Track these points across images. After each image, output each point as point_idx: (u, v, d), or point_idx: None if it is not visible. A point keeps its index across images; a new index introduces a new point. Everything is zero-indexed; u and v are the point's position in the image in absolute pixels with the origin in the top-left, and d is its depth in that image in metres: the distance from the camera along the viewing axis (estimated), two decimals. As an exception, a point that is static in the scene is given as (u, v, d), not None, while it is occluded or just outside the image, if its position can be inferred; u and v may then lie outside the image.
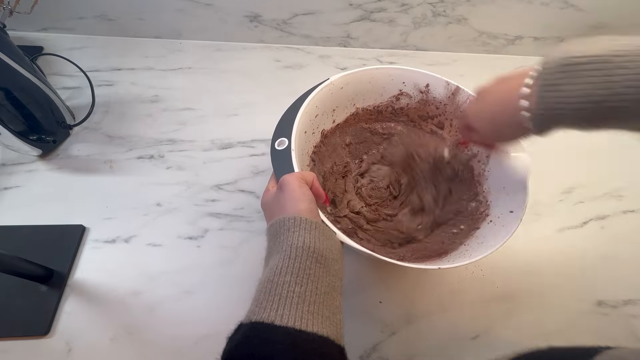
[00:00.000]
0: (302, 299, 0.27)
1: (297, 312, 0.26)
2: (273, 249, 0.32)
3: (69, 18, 0.68)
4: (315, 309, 0.27)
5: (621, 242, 0.55)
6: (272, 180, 0.42)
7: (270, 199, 0.38)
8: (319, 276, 0.29)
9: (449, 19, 0.72)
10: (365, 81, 0.52)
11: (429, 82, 0.52)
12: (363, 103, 0.55)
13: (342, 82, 0.50)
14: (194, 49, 0.72)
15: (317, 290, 0.28)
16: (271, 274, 0.29)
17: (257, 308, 0.27)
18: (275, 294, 0.27)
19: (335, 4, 0.69)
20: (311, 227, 0.32)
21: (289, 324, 0.26)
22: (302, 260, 0.29)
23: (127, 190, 0.53)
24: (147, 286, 0.46)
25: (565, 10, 0.72)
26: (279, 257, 0.30)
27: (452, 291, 0.49)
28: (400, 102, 0.55)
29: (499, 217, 0.45)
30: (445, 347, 0.45)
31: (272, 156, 0.42)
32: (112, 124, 0.60)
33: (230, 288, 0.47)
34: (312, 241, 0.31)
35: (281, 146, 0.42)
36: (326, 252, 0.31)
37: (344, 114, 0.54)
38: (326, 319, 0.27)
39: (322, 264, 0.30)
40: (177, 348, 0.42)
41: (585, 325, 0.48)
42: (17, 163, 0.54)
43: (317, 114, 0.49)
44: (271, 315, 0.26)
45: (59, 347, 0.41)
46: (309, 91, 0.48)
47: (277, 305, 0.27)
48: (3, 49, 0.46)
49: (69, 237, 0.48)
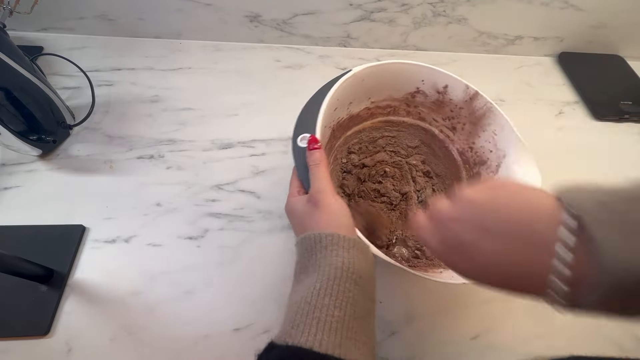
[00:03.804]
0: (341, 324, 0.26)
1: (337, 338, 0.25)
2: (307, 265, 0.31)
3: (69, 18, 0.68)
4: (353, 335, 0.26)
5: (621, 242, 0.55)
6: (295, 181, 0.39)
7: (300, 210, 0.36)
8: (357, 299, 0.28)
9: (449, 19, 0.72)
10: (386, 75, 0.50)
11: (448, 84, 0.50)
12: (378, 97, 0.53)
13: (364, 75, 0.47)
14: (194, 49, 0.72)
15: (355, 315, 0.27)
16: (308, 294, 0.28)
17: (294, 330, 0.26)
18: (314, 317, 0.26)
19: (335, 4, 0.69)
20: (349, 245, 0.31)
21: (328, 352, 0.25)
22: (340, 282, 0.28)
23: (127, 190, 0.53)
24: (147, 286, 0.46)
25: (565, 10, 0.72)
26: (316, 276, 0.29)
27: (452, 291, 0.49)
28: (415, 100, 0.54)
29: None
30: (445, 347, 0.45)
31: (294, 154, 0.39)
32: (112, 124, 0.60)
33: (230, 288, 0.47)
34: (350, 261, 0.30)
35: (304, 143, 0.40)
36: (363, 272, 0.30)
37: (358, 108, 0.53)
38: (363, 344, 0.27)
39: (360, 285, 0.29)
40: (177, 348, 0.42)
41: (585, 325, 0.48)
42: (17, 163, 0.54)
43: (336, 107, 0.47)
44: (309, 340, 0.25)
45: (59, 347, 0.41)
46: (330, 82, 0.45)
47: (316, 329, 0.26)
48: (3, 49, 0.46)
49: (69, 237, 0.48)
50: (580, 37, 0.79)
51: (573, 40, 0.79)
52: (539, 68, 0.80)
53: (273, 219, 0.53)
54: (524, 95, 0.74)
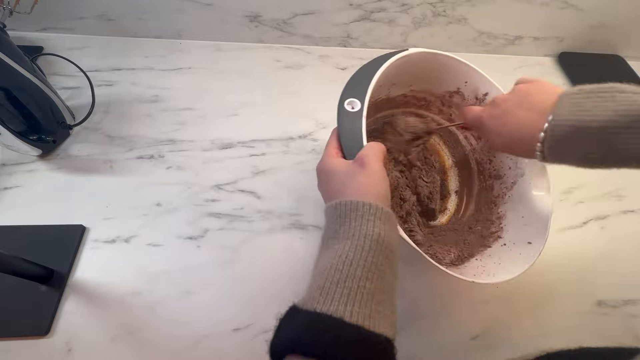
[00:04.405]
0: (371, 297, 0.26)
1: (366, 310, 0.25)
2: (339, 231, 0.30)
3: (69, 18, 0.68)
4: (380, 308, 0.26)
5: (621, 242, 0.55)
6: (334, 142, 0.38)
7: (343, 169, 0.35)
8: (386, 273, 0.28)
9: (449, 19, 0.72)
10: (434, 66, 0.49)
11: (489, 92, 0.49)
12: (418, 86, 0.52)
13: (418, 59, 0.45)
14: (194, 49, 0.72)
15: (383, 288, 0.27)
16: (340, 262, 0.28)
17: (322, 297, 0.26)
18: (345, 287, 0.26)
19: (335, 4, 0.69)
20: (387, 218, 0.30)
21: (358, 322, 0.24)
22: (375, 255, 0.28)
23: (127, 190, 0.53)
24: (147, 286, 0.46)
25: (565, 10, 0.72)
26: (350, 244, 0.28)
27: (452, 291, 0.49)
28: (452, 100, 0.53)
29: (514, 243, 0.45)
30: (445, 347, 0.45)
31: (339, 116, 0.38)
32: (112, 124, 0.60)
33: (230, 288, 0.47)
34: (386, 234, 0.29)
35: (352, 107, 0.38)
36: (394, 248, 0.30)
37: (396, 92, 0.51)
38: (387, 318, 0.27)
39: (390, 260, 0.29)
40: (177, 348, 0.42)
41: (585, 325, 0.48)
42: (17, 163, 0.54)
43: (382, 84, 0.44)
44: (340, 309, 0.25)
45: (59, 347, 0.41)
46: (385, 55, 0.43)
47: (347, 299, 0.25)
48: (3, 49, 0.46)
49: (69, 237, 0.48)
50: (580, 37, 0.79)
51: (573, 40, 0.79)
52: (539, 68, 0.80)
53: (273, 219, 0.53)
54: (524, 95, 0.74)
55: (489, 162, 0.53)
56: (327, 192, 0.36)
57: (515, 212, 0.47)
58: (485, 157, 0.54)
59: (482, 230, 0.49)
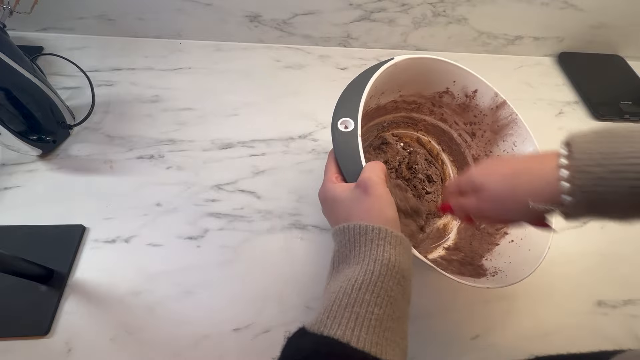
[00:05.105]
0: (379, 323, 0.26)
1: (374, 336, 0.25)
2: (349, 256, 0.30)
3: (69, 18, 0.68)
4: (389, 335, 0.26)
5: (621, 242, 0.55)
6: (332, 166, 0.37)
7: (346, 196, 0.34)
8: (397, 300, 0.28)
9: (449, 19, 0.72)
10: (422, 69, 0.49)
11: (479, 89, 0.50)
12: (408, 91, 0.52)
13: (404, 65, 0.46)
14: (194, 49, 0.72)
15: (393, 315, 0.27)
16: (348, 286, 0.27)
17: (330, 321, 0.26)
18: (353, 312, 0.26)
19: (335, 4, 0.69)
20: (396, 242, 0.30)
21: (365, 349, 0.24)
22: (384, 280, 0.27)
23: (127, 190, 0.53)
24: (147, 286, 0.46)
25: (565, 10, 0.72)
26: (359, 269, 0.28)
27: (452, 291, 0.49)
28: (442, 100, 0.53)
29: (522, 239, 0.45)
30: (445, 347, 0.45)
31: (334, 138, 0.37)
32: (112, 124, 0.60)
33: (230, 288, 0.47)
34: (397, 259, 0.29)
35: (346, 127, 0.38)
36: (406, 273, 0.29)
37: (386, 99, 0.52)
38: (396, 346, 0.26)
39: (402, 286, 0.29)
40: (177, 348, 0.42)
41: (585, 325, 0.48)
42: (17, 163, 0.54)
43: (372, 95, 0.45)
44: (347, 334, 0.25)
45: (59, 347, 0.41)
46: (371, 68, 0.43)
47: (354, 324, 0.25)
48: (3, 49, 0.46)
49: (69, 237, 0.48)
50: (580, 37, 0.79)
51: (573, 40, 0.79)
52: (539, 68, 0.80)
53: (273, 219, 0.53)
54: (524, 95, 0.74)
55: (485, 157, 0.53)
56: (333, 219, 0.35)
57: None
58: (482, 152, 0.54)
59: (487, 227, 0.49)
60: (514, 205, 0.31)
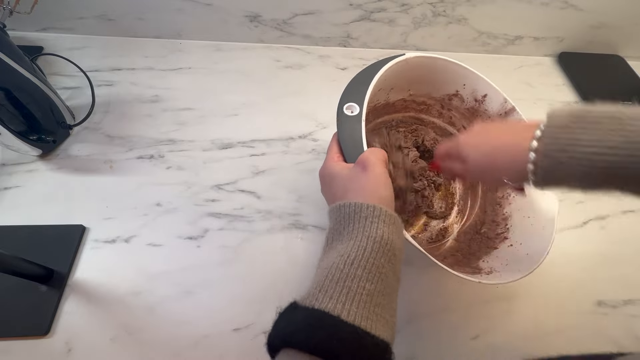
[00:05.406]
0: (370, 298, 0.26)
1: (364, 310, 0.25)
2: (343, 233, 0.30)
3: (69, 18, 0.68)
4: (379, 310, 0.26)
5: (621, 242, 0.55)
6: (335, 147, 0.38)
7: (345, 173, 0.35)
8: (388, 276, 0.28)
9: (449, 19, 0.72)
10: (432, 69, 0.49)
11: (488, 93, 0.50)
12: (417, 90, 0.52)
13: (415, 63, 0.46)
14: (194, 49, 0.72)
15: (384, 291, 0.27)
16: (341, 262, 0.27)
17: (322, 295, 0.26)
18: (344, 286, 0.26)
19: (335, 4, 0.69)
20: (390, 220, 0.30)
21: (355, 322, 0.24)
22: (376, 256, 0.28)
23: (127, 190, 0.53)
24: (147, 286, 0.46)
25: (565, 10, 0.72)
26: (352, 245, 0.28)
27: (452, 291, 0.49)
28: (451, 103, 0.53)
29: (521, 243, 0.45)
30: (445, 347, 0.45)
31: (339, 121, 0.38)
32: (112, 124, 0.60)
33: (230, 288, 0.47)
34: (389, 237, 0.29)
35: (352, 112, 0.39)
36: (397, 251, 0.30)
37: (395, 97, 0.52)
38: (386, 322, 0.26)
39: (392, 263, 0.29)
40: (177, 348, 0.42)
41: (585, 325, 0.48)
42: (17, 163, 0.54)
43: (381, 87, 0.45)
44: (337, 307, 0.25)
45: (59, 347, 0.41)
46: (381, 61, 0.44)
47: (345, 298, 0.25)
48: (3, 49, 0.46)
49: (69, 237, 0.48)
50: (580, 37, 0.79)
51: (573, 40, 0.79)
52: (539, 68, 0.80)
53: (273, 219, 0.53)
54: (524, 95, 0.74)
55: None
56: (330, 196, 0.36)
57: (521, 212, 0.47)
58: None
59: (488, 232, 0.49)
60: (492, 177, 0.35)
